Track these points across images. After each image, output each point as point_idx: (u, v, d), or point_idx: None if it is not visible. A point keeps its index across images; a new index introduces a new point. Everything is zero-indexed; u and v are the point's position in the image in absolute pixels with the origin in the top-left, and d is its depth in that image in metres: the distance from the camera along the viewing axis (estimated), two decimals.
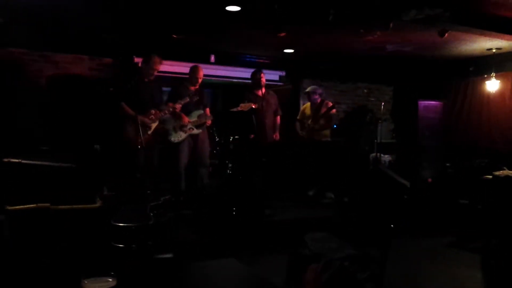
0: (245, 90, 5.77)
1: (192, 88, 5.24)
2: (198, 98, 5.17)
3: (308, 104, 6.24)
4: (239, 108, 5.24)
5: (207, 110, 5.37)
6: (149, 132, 4.70)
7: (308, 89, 6.16)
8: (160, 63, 4.81)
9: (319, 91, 6.13)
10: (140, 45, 5.96)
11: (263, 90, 5.66)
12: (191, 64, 5.36)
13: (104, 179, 4.69)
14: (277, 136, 5.84)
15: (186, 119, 5.06)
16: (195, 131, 5.14)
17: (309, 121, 5.97)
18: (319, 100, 6.07)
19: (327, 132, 6.10)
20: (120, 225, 3.25)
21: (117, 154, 4.96)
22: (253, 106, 5.29)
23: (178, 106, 4.90)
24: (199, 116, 5.19)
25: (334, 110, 6.00)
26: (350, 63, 7.51)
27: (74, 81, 5.70)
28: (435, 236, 4.85)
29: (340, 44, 6.09)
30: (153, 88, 4.87)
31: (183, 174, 5.11)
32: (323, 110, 5.94)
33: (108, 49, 5.92)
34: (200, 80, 5.21)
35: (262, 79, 5.59)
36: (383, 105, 7.12)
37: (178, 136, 5.07)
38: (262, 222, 4.64)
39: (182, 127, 5.08)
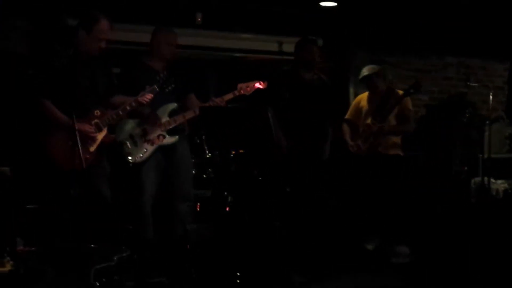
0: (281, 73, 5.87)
1: (160, 65, 5.27)
2: (172, 82, 5.20)
3: (366, 94, 6.29)
4: (236, 93, 5.22)
5: (192, 97, 5.38)
6: (92, 149, 4.73)
7: (364, 71, 6.19)
8: (110, 29, 4.87)
9: (382, 73, 6.18)
10: None
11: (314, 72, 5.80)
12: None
13: (17, 224, 4.74)
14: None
15: (155, 116, 5.09)
16: (168, 139, 5.17)
17: (368, 121, 5.99)
18: (384, 88, 6.10)
19: (397, 139, 6.10)
20: None
21: (39, 183, 5.00)
22: (261, 86, 5.30)
23: (148, 97, 4.90)
24: (171, 113, 5.20)
25: (408, 103, 6.00)
26: (433, 24, 7.50)
27: None
28: None
29: None
30: (98, 70, 4.92)
31: (150, 215, 5.14)
32: (392, 103, 5.97)
33: (22, 3, 6.00)
34: (173, 52, 5.26)
35: (315, 54, 5.82)
36: (493, 95, 7.09)
37: (140, 152, 5.09)
38: None
39: (146, 135, 5.10)
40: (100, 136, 4.79)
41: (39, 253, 4.04)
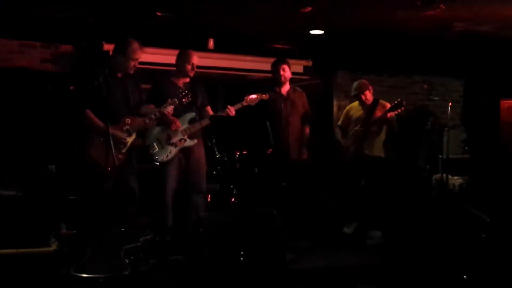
0: (266, 88, 5.81)
1: (182, 81, 5.28)
2: (190, 95, 5.20)
3: (356, 103, 6.29)
4: (244, 103, 5.26)
5: (208, 109, 5.40)
6: (124, 150, 4.73)
7: (358, 85, 6.17)
8: (141, 51, 4.86)
9: (371, 88, 6.20)
10: (111, 27, 6.05)
11: (287, 86, 5.70)
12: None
13: (61, 212, 4.74)
14: (304, 153, 5.87)
15: (177, 124, 5.08)
16: (188, 142, 5.17)
17: (358, 127, 5.98)
18: (371, 99, 6.11)
19: (381, 144, 6.10)
20: (84, 276, 3.26)
21: (79, 178, 5.00)
22: (264, 98, 5.32)
23: (170, 109, 4.91)
24: (191, 121, 5.21)
25: (391, 114, 5.99)
26: (403, 48, 7.50)
27: (19, 76, 5.78)
28: None
29: (388, 22, 6.11)
30: (129, 86, 4.91)
31: (170, 205, 5.13)
32: (379, 112, 5.97)
33: (67, 32, 6.00)
34: (192, 70, 5.26)
35: (284, 72, 5.71)
36: (451, 107, 7.08)
37: (166, 153, 5.08)
38: (282, 272, 4.61)
39: (170, 139, 5.10)
40: (130, 140, 4.78)
41: (79, 235, 4.03)
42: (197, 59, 5.29)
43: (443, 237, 5.06)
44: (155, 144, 5.06)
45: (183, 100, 4.98)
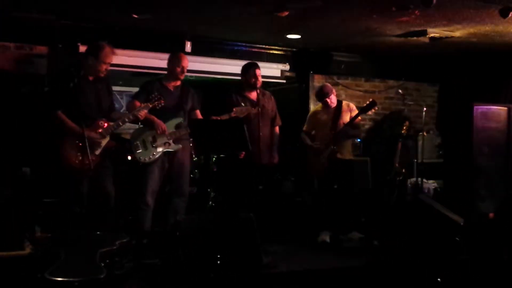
0: (232, 91, 5.81)
1: (172, 84, 5.29)
2: (178, 99, 5.22)
3: (320, 105, 6.32)
4: (232, 114, 5.27)
5: (197, 113, 5.41)
6: (97, 152, 4.71)
7: (323, 89, 6.20)
8: (113, 54, 4.86)
9: (334, 91, 6.25)
10: (87, 28, 6.01)
11: (258, 91, 5.72)
12: (158, 54, 5.42)
13: (35, 215, 4.69)
14: (275, 157, 5.88)
15: (163, 128, 5.09)
16: (172, 146, 5.18)
17: (328, 130, 6.01)
18: (335, 102, 6.15)
19: (350, 147, 6.14)
20: (58, 279, 3.23)
21: (54, 180, 4.96)
22: (254, 111, 5.34)
23: (143, 113, 4.93)
24: (177, 126, 5.22)
25: (359, 119, 6.05)
26: (378, 53, 7.58)
27: None
28: None
29: (363, 27, 6.17)
30: (101, 89, 4.92)
31: (151, 207, 5.12)
32: (346, 114, 6.01)
33: (42, 33, 5.95)
34: (182, 73, 5.27)
35: (258, 76, 5.70)
36: (425, 112, 7.18)
37: (149, 154, 5.09)
38: (258, 276, 4.62)
39: (155, 141, 5.10)
40: (104, 142, 4.78)
41: (54, 239, 3.99)
42: (188, 62, 5.30)
43: (418, 240, 5.12)
44: (139, 144, 5.08)
45: (155, 103, 4.99)
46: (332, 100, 6.14)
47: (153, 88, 5.19)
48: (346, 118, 6.07)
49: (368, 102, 6.01)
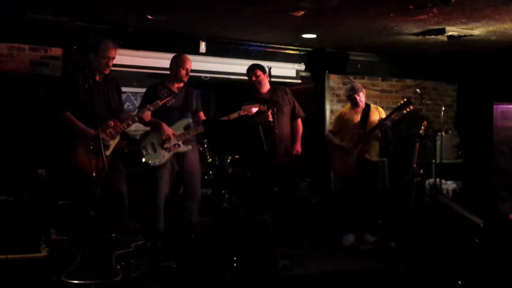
0: (244, 99, 5.84)
1: (176, 86, 5.30)
2: (183, 100, 5.23)
3: (347, 107, 6.36)
4: (241, 113, 5.28)
5: (201, 114, 5.42)
6: (107, 153, 4.73)
7: (352, 86, 6.25)
8: (113, 49, 4.87)
9: (364, 91, 6.32)
10: (102, 30, 6.06)
11: (267, 87, 5.71)
12: (171, 55, 5.43)
13: (51, 217, 4.73)
14: (298, 148, 5.87)
15: (169, 131, 5.11)
16: (182, 148, 5.19)
17: (357, 129, 6.02)
18: (364, 101, 6.20)
19: (377, 149, 6.16)
20: (75, 282, 3.25)
21: (69, 183, 5.00)
22: (262, 108, 5.35)
23: (147, 114, 4.96)
24: (186, 127, 5.23)
25: (393, 118, 6.14)
26: (395, 52, 7.54)
27: (7, 80, 5.76)
28: None
29: (380, 26, 6.15)
30: (109, 89, 4.94)
31: (162, 210, 5.13)
32: (375, 115, 6.07)
33: (57, 35, 6.00)
34: (187, 75, 5.28)
35: (258, 76, 5.79)
36: (444, 111, 7.13)
37: (159, 157, 5.11)
38: (275, 278, 4.62)
39: (164, 144, 5.12)
40: (113, 143, 4.80)
41: (70, 241, 4.02)
42: (191, 63, 5.32)
43: (436, 242, 5.09)
44: (148, 147, 5.10)
45: (165, 100, 5.01)
46: (361, 98, 6.20)
47: (157, 90, 5.21)
48: (375, 118, 6.13)
49: (402, 102, 6.08)
